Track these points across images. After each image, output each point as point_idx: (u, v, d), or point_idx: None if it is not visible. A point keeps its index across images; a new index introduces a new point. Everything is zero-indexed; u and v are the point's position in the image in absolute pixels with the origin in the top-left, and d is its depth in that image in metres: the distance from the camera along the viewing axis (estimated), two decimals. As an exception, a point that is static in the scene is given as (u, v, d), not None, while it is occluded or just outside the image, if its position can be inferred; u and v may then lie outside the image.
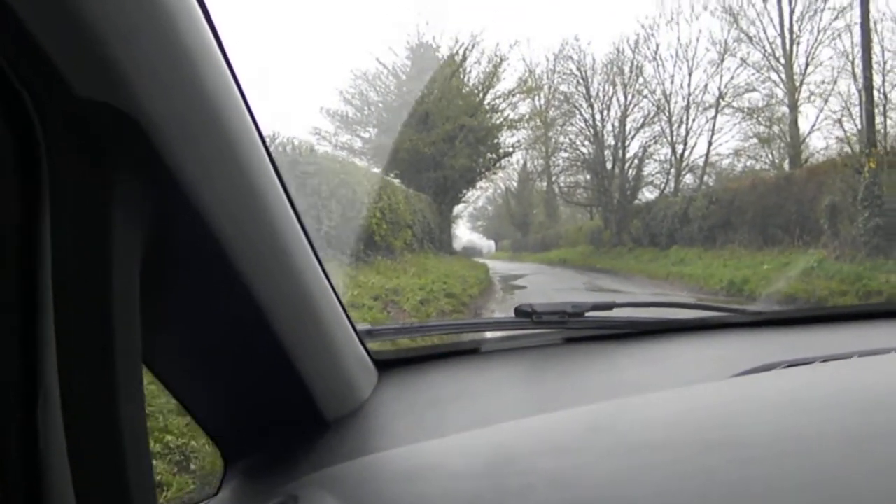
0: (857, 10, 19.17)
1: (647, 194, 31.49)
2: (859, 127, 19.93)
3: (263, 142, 0.99)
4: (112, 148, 0.70)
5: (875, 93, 16.70)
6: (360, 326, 1.52)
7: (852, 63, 21.82)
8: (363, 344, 1.50)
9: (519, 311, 1.79)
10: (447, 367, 1.70)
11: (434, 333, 2.03)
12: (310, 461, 1.16)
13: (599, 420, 1.12)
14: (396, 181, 23.42)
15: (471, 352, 1.79)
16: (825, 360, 1.40)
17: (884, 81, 19.34)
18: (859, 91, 19.51)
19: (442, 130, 26.25)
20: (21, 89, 0.64)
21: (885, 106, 18.78)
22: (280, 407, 1.23)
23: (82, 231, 0.69)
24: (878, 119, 17.26)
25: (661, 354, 1.77)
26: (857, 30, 21.84)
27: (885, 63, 20.01)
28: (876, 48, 17.98)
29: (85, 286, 0.69)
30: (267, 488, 1.11)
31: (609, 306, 1.89)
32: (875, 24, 17.52)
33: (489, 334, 1.99)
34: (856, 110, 21.43)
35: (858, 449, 0.88)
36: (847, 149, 18.92)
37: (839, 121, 22.54)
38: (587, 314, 1.81)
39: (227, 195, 0.87)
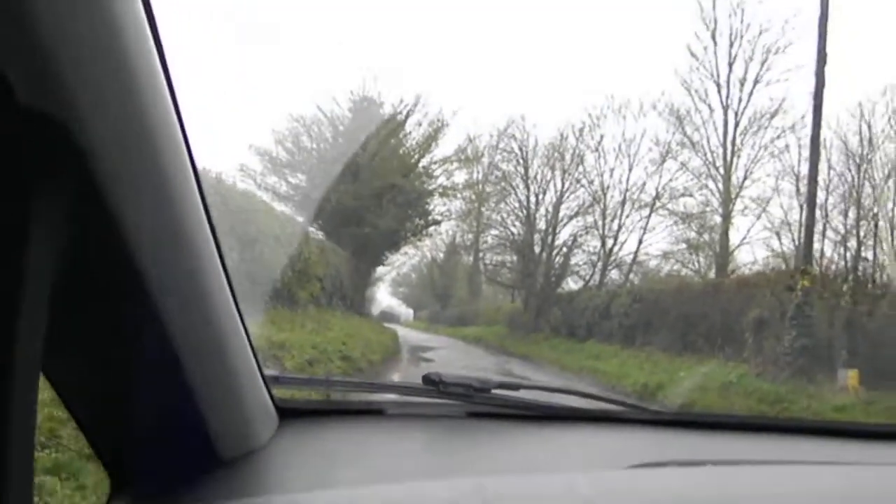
0: (805, 130, 19.33)
1: (572, 284, 31.06)
2: (796, 243, 19.75)
3: (196, 175, 0.98)
4: (42, 158, 0.69)
5: (817, 211, 16.27)
6: (268, 372, 1.52)
7: (797, 177, 21.73)
8: (268, 389, 1.50)
9: (426, 379, 1.79)
10: (349, 424, 1.76)
11: (340, 389, 2.13)
12: (197, 496, 1.17)
13: (490, 492, 1.16)
14: (319, 233, 22.63)
15: (374, 412, 1.84)
16: (715, 464, 1.51)
17: (826, 199, 19.10)
18: (801, 206, 19.28)
19: (371, 187, 25.52)
20: None
21: (825, 225, 18.46)
22: (175, 438, 1.21)
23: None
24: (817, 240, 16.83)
25: (561, 440, 1.80)
26: (795, 151, 22.06)
27: (829, 182, 19.70)
28: (822, 167, 17.56)
29: None
30: None
31: (516, 386, 1.92)
32: (825, 141, 17.14)
33: (394, 397, 2.01)
34: (793, 227, 21.32)
35: None
36: (779, 266, 18.56)
37: (777, 233, 22.38)
38: (493, 391, 1.81)
39: (150, 222, 0.87)
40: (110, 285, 0.90)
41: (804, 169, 18.46)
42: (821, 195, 17.44)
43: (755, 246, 25.30)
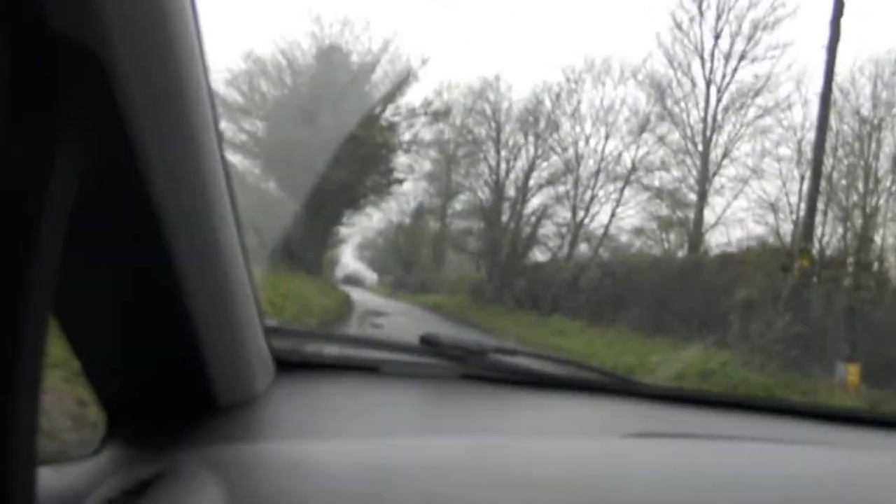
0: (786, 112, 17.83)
1: (539, 255, 29.65)
2: (794, 218, 18.22)
3: (213, 109, 0.98)
4: (73, 88, 0.71)
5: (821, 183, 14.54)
6: (269, 322, 1.53)
7: (798, 143, 20.41)
8: (268, 339, 1.52)
9: (423, 339, 1.83)
10: (344, 378, 1.78)
11: (339, 343, 2.16)
12: (194, 439, 1.18)
13: (485, 452, 1.17)
14: (270, 183, 20.92)
15: (370, 368, 1.86)
16: (711, 438, 1.49)
17: (832, 171, 17.44)
18: (802, 176, 17.70)
19: (328, 136, 23.47)
20: None
21: (827, 200, 16.78)
22: (174, 381, 1.23)
23: (25, 163, 0.69)
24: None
25: (556, 407, 1.80)
26: (799, 112, 20.61)
27: (836, 150, 17.97)
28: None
29: (16, 218, 0.68)
30: (147, 457, 1.11)
31: (512, 352, 1.94)
32: (833, 102, 15.40)
33: (390, 354, 1.94)
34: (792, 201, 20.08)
35: None
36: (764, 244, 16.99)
37: (772, 205, 20.89)
38: (489, 355, 1.83)
39: (168, 151, 0.88)
40: (125, 220, 0.90)
41: (809, 135, 16.97)
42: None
43: (730, 227, 24.07)
